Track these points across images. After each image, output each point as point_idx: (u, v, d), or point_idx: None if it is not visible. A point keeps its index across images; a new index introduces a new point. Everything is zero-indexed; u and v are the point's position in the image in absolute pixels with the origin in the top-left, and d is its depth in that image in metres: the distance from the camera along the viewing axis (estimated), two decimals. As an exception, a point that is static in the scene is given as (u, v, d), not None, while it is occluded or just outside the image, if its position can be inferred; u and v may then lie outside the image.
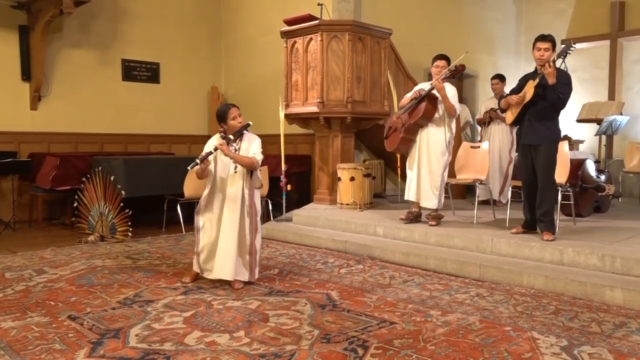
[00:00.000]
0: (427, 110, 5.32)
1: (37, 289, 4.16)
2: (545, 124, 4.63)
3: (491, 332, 3.19)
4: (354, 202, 6.60)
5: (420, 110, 5.34)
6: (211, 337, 3.14)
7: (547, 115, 4.63)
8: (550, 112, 4.64)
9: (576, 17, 9.70)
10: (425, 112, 5.31)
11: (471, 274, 4.49)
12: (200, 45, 9.69)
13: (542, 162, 4.65)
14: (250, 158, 4.11)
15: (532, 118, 4.68)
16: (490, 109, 7.05)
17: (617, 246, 4.43)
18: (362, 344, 3.01)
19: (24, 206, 7.58)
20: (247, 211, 4.16)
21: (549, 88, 4.49)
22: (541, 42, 4.53)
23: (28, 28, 7.74)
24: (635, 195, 7.90)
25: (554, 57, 4.49)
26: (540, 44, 4.53)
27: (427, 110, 5.32)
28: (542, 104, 4.61)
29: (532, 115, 4.68)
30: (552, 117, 4.67)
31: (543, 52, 4.50)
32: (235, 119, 4.16)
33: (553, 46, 4.53)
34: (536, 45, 4.57)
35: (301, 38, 6.73)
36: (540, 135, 4.64)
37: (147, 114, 9.04)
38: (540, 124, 4.64)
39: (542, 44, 4.52)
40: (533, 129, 4.67)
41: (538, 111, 4.64)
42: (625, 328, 3.25)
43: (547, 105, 4.60)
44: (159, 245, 5.95)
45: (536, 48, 4.56)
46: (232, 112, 4.17)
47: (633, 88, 9.10)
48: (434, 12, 8.93)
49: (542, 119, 4.63)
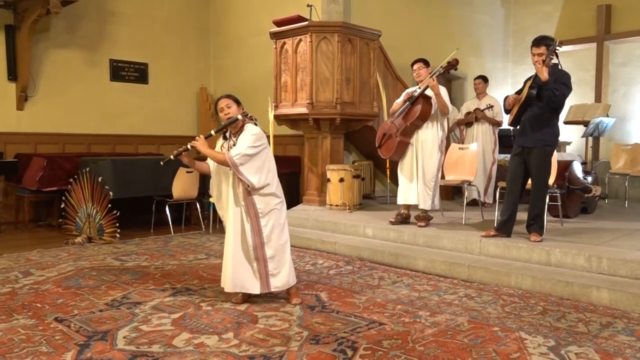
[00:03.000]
0: (423, 110, 5.29)
1: (23, 291, 4.11)
2: (541, 128, 4.60)
3: (479, 333, 3.21)
4: (343, 203, 6.61)
5: (416, 111, 5.31)
6: (200, 339, 3.12)
7: (543, 118, 4.60)
8: (547, 115, 4.59)
9: (563, 20, 9.79)
10: (421, 112, 5.28)
11: (460, 274, 4.51)
12: (189, 45, 9.65)
13: (535, 165, 4.65)
14: (223, 154, 3.61)
15: (528, 120, 4.67)
16: (475, 109, 7.07)
17: (603, 247, 4.47)
18: (351, 345, 3.01)
19: (10, 207, 7.50)
20: (244, 212, 3.69)
21: (543, 86, 4.47)
22: (535, 48, 4.52)
23: (14, 27, 7.66)
24: (621, 197, 7.98)
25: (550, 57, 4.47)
26: (534, 50, 4.52)
27: (423, 110, 5.29)
28: (538, 106, 4.59)
29: (529, 117, 4.66)
30: (549, 121, 4.62)
31: (537, 57, 4.49)
32: (222, 110, 3.67)
33: (548, 49, 4.48)
34: (531, 50, 4.55)
35: (290, 39, 6.73)
36: (535, 138, 4.62)
37: (135, 114, 8.98)
38: (536, 126, 4.62)
39: (535, 50, 4.51)
40: (527, 132, 4.67)
41: (534, 113, 4.63)
42: (611, 328, 3.28)
43: (543, 107, 4.57)
44: (147, 246, 5.92)
45: (532, 53, 4.55)
46: (219, 104, 3.71)
47: (619, 90, 9.20)
48: (423, 14, 8.97)
49: (536, 122, 4.61)
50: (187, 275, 4.62)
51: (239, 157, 3.55)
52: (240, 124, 3.68)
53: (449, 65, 5.33)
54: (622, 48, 9.18)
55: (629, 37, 8.83)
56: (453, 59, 5.31)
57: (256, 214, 3.68)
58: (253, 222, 3.68)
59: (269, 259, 3.71)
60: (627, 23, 8.92)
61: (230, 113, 3.66)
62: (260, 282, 3.71)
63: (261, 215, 3.68)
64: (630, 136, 9.05)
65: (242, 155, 3.55)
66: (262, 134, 3.68)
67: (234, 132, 3.70)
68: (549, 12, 9.96)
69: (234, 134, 3.71)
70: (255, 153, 3.60)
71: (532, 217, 4.74)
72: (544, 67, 4.43)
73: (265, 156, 3.69)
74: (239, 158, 3.55)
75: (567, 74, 4.59)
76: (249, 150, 3.57)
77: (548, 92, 4.45)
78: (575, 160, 6.20)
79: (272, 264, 3.72)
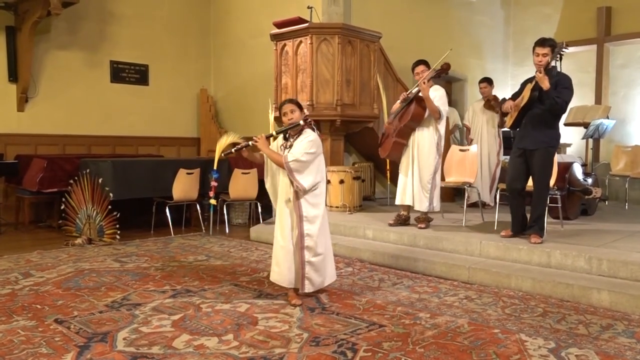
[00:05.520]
0: (415, 111, 5.31)
1: (23, 292, 4.11)
2: (542, 129, 4.60)
3: (480, 335, 3.20)
4: (343, 204, 6.61)
5: (409, 112, 5.34)
6: (200, 341, 3.12)
7: (544, 120, 4.60)
8: (548, 117, 4.60)
9: (563, 22, 9.80)
10: (414, 114, 5.31)
11: (460, 276, 4.51)
12: (190, 47, 9.65)
13: (537, 167, 4.65)
14: (280, 156, 3.77)
15: (530, 122, 4.66)
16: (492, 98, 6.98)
17: (603, 249, 4.46)
18: (351, 347, 3.01)
19: (10, 208, 7.49)
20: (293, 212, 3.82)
21: (544, 93, 4.48)
22: (540, 48, 4.50)
23: (15, 29, 7.67)
24: (621, 199, 7.98)
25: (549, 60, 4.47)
26: (539, 49, 4.50)
27: (415, 111, 5.31)
28: (539, 109, 4.59)
29: (530, 120, 4.66)
30: (551, 123, 4.63)
31: (541, 57, 4.48)
32: (285, 115, 3.85)
33: (552, 51, 4.49)
34: (535, 50, 4.53)
35: (291, 41, 6.74)
36: (537, 140, 4.62)
37: (135, 115, 8.99)
38: (537, 128, 4.61)
39: (540, 49, 4.49)
40: (530, 134, 4.66)
41: (536, 116, 4.63)
42: (611, 330, 3.28)
43: (544, 110, 4.57)
44: (148, 248, 5.91)
45: (535, 53, 4.54)
46: (283, 108, 3.89)
47: (619, 92, 9.20)
48: (423, 16, 8.98)
49: (539, 124, 4.61)
50: (187, 276, 4.62)
51: (294, 163, 3.73)
52: (300, 128, 3.86)
53: (440, 69, 5.33)
54: (622, 50, 9.19)
55: (629, 39, 8.86)
56: (444, 64, 5.30)
57: (301, 217, 3.81)
58: (298, 224, 3.82)
59: (307, 263, 3.82)
60: (627, 25, 8.94)
61: (293, 118, 3.84)
62: (302, 283, 3.85)
63: (305, 220, 3.82)
64: (630, 138, 9.06)
65: (296, 161, 3.73)
66: (318, 141, 3.87)
67: (293, 134, 3.88)
68: (549, 14, 9.97)
69: (292, 136, 3.89)
70: (310, 160, 3.78)
71: (534, 219, 4.74)
72: (544, 76, 4.41)
73: (318, 162, 3.86)
74: (293, 163, 3.73)
75: (567, 77, 4.60)
76: (304, 157, 3.75)
77: (550, 100, 4.45)
78: (575, 162, 6.20)
79: (309, 266, 3.84)
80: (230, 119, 9.43)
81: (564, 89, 4.49)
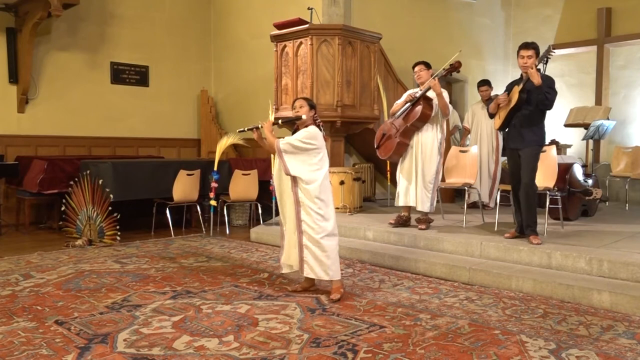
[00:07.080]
0: (423, 111, 5.30)
1: (24, 294, 4.11)
2: (531, 129, 4.73)
3: (480, 336, 3.20)
4: (343, 205, 6.61)
5: (417, 112, 5.32)
6: (200, 342, 3.12)
7: (532, 120, 4.73)
8: (536, 116, 4.72)
9: (563, 23, 9.81)
10: (422, 114, 5.29)
11: (460, 277, 4.51)
12: (190, 48, 9.66)
13: (525, 164, 4.74)
14: (274, 138, 3.91)
15: (518, 123, 4.77)
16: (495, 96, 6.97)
17: (604, 250, 4.46)
18: (351, 348, 3.00)
19: (10, 210, 7.50)
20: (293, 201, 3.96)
21: (534, 91, 4.60)
22: (524, 50, 4.68)
23: (16, 30, 7.68)
24: (621, 200, 7.98)
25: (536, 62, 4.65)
26: (523, 52, 4.68)
27: (423, 111, 5.30)
28: (527, 109, 4.72)
29: (518, 121, 4.77)
30: (538, 122, 4.75)
31: (526, 59, 4.65)
32: (294, 108, 4.04)
33: (536, 53, 4.67)
34: (520, 53, 4.71)
35: (291, 42, 6.74)
36: (528, 139, 4.72)
37: (136, 117, 8.99)
38: (526, 128, 4.73)
39: (524, 52, 4.67)
40: (519, 134, 4.77)
41: (524, 116, 4.75)
42: (612, 331, 3.28)
43: (532, 110, 4.70)
44: (148, 249, 5.91)
45: (520, 56, 4.71)
46: (295, 103, 4.08)
47: (619, 93, 9.20)
48: (423, 17, 8.99)
49: (528, 124, 4.73)
50: (188, 277, 4.62)
51: (285, 144, 3.87)
52: (306, 124, 3.96)
53: (451, 67, 5.34)
54: (622, 51, 9.19)
55: (629, 40, 8.86)
56: (456, 62, 5.32)
57: (297, 202, 3.92)
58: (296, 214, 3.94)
59: (304, 246, 3.93)
60: (627, 26, 8.94)
61: (300, 112, 3.97)
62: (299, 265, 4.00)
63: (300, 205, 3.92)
64: (630, 139, 9.06)
65: (287, 143, 3.86)
66: (316, 134, 3.92)
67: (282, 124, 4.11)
68: (549, 15, 9.98)
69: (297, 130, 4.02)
70: (303, 148, 3.86)
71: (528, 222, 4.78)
72: (536, 72, 4.57)
73: (314, 157, 3.90)
74: (284, 144, 3.87)
75: (552, 79, 4.76)
76: (297, 142, 3.85)
77: (541, 95, 4.59)
78: (575, 163, 6.21)
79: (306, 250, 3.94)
80: (231, 120, 9.43)
81: (549, 88, 4.64)
